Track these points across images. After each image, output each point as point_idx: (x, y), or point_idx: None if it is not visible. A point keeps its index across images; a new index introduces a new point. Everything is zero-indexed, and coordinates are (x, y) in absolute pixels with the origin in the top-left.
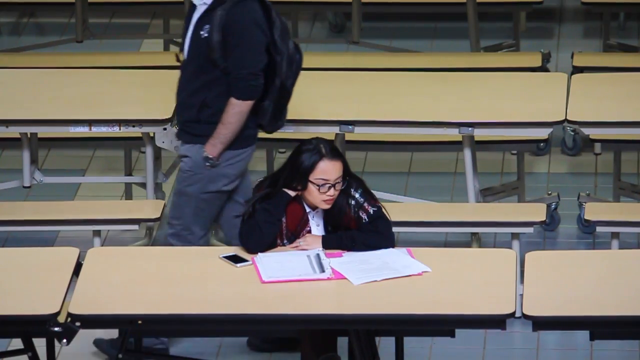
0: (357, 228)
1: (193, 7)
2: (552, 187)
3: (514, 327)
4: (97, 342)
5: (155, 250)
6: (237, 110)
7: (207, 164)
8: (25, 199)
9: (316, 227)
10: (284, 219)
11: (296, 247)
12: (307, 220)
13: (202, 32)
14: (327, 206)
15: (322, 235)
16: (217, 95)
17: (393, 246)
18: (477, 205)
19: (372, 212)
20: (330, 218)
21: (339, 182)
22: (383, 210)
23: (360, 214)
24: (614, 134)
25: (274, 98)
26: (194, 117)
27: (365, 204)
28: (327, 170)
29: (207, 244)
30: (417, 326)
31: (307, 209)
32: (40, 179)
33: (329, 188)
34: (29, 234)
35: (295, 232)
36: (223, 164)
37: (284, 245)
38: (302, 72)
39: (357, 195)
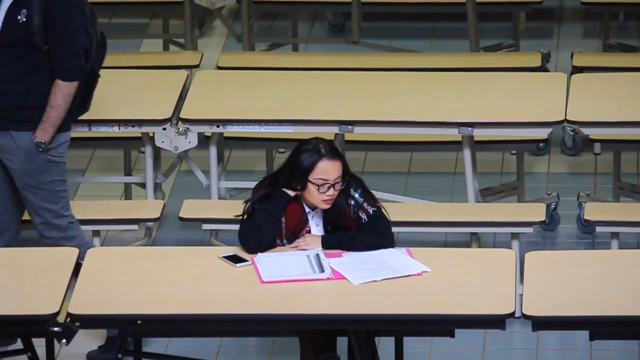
0: (357, 228)
1: None
2: (551, 187)
3: (513, 327)
4: (89, 356)
5: (155, 251)
6: (64, 92)
7: (40, 149)
8: None
9: (315, 227)
10: (283, 219)
11: (296, 247)
12: (307, 220)
13: (19, 17)
14: (326, 206)
15: (322, 235)
16: (42, 79)
17: (393, 246)
18: (477, 205)
19: (371, 212)
20: (330, 218)
21: (338, 182)
22: (382, 210)
23: (360, 213)
24: (613, 134)
25: (83, 82)
26: (18, 103)
27: (365, 204)
28: (327, 170)
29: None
30: (416, 326)
31: (307, 209)
32: None
33: (329, 188)
34: (29, 234)
35: (294, 232)
36: (54, 148)
37: (283, 245)
38: (302, 72)
39: (356, 195)
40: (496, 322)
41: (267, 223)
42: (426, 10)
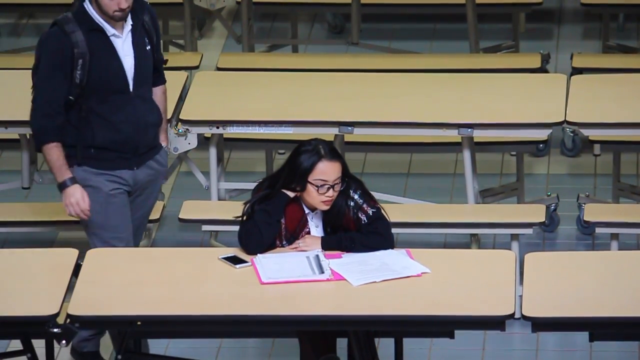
0: (357, 229)
1: (97, 42)
2: (551, 188)
3: (513, 328)
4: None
5: (155, 252)
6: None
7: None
8: (25, 199)
9: (315, 228)
10: (282, 220)
11: (295, 248)
12: (306, 221)
13: (147, 48)
14: (325, 207)
15: (321, 237)
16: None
17: (392, 247)
18: (477, 206)
19: (371, 213)
20: (330, 219)
21: (337, 183)
22: (382, 211)
23: (360, 215)
24: (613, 135)
25: None
26: (157, 130)
27: (365, 205)
28: (326, 171)
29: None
30: (416, 327)
31: (306, 210)
32: (39, 180)
33: (328, 189)
34: (28, 235)
35: (294, 233)
36: None
37: (282, 246)
38: (301, 73)
39: (356, 197)
40: (496, 323)
41: (266, 224)
42: (426, 11)
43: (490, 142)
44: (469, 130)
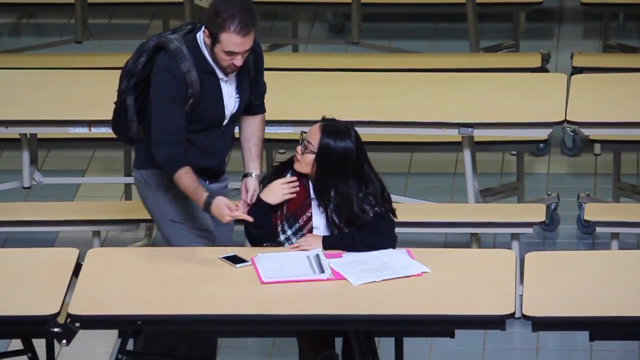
0: (360, 225)
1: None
2: (551, 187)
3: (513, 327)
4: None
5: (155, 251)
6: None
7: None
8: (25, 199)
9: (320, 214)
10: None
11: (297, 247)
12: (310, 205)
13: (247, 87)
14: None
15: (323, 236)
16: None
17: (394, 247)
18: (477, 206)
19: (378, 210)
20: (337, 206)
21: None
22: (390, 213)
23: (365, 206)
24: (613, 135)
25: None
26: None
27: (375, 203)
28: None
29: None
30: (416, 327)
31: (312, 195)
32: (39, 180)
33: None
34: (29, 235)
35: (294, 214)
36: None
37: (282, 227)
38: (302, 73)
39: (369, 192)
40: (496, 322)
41: (253, 227)
42: (426, 11)
43: (491, 142)
44: (469, 129)
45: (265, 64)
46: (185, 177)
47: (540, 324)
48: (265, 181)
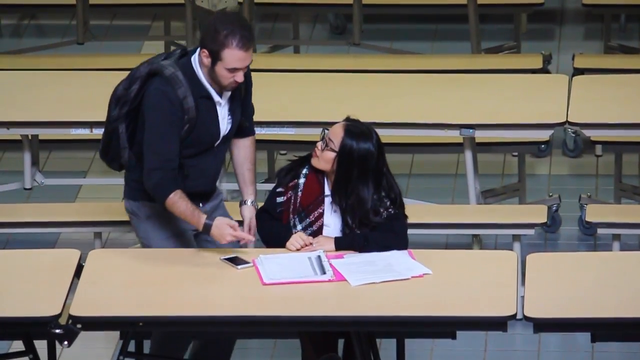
0: (373, 225)
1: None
2: (553, 188)
3: (515, 328)
4: None
5: (156, 252)
6: None
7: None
8: (27, 200)
9: (333, 212)
10: (299, 194)
11: (309, 248)
12: (322, 201)
13: (238, 111)
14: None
15: (335, 237)
16: None
17: (406, 247)
18: (478, 207)
19: (391, 211)
20: (350, 206)
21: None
22: (403, 215)
23: (380, 208)
24: (615, 136)
25: None
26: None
27: (388, 204)
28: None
29: None
30: (418, 328)
31: (326, 192)
32: (41, 181)
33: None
34: (30, 236)
35: (307, 208)
36: None
37: (293, 221)
38: (303, 74)
39: (383, 195)
40: (498, 323)
41: (259, 230)
42: (427, 12)
43: (492, 143)
44: (471, 130)
45: (267, 65)
46: (180, 202)
47: (542, 325)
48: (279, 177)
